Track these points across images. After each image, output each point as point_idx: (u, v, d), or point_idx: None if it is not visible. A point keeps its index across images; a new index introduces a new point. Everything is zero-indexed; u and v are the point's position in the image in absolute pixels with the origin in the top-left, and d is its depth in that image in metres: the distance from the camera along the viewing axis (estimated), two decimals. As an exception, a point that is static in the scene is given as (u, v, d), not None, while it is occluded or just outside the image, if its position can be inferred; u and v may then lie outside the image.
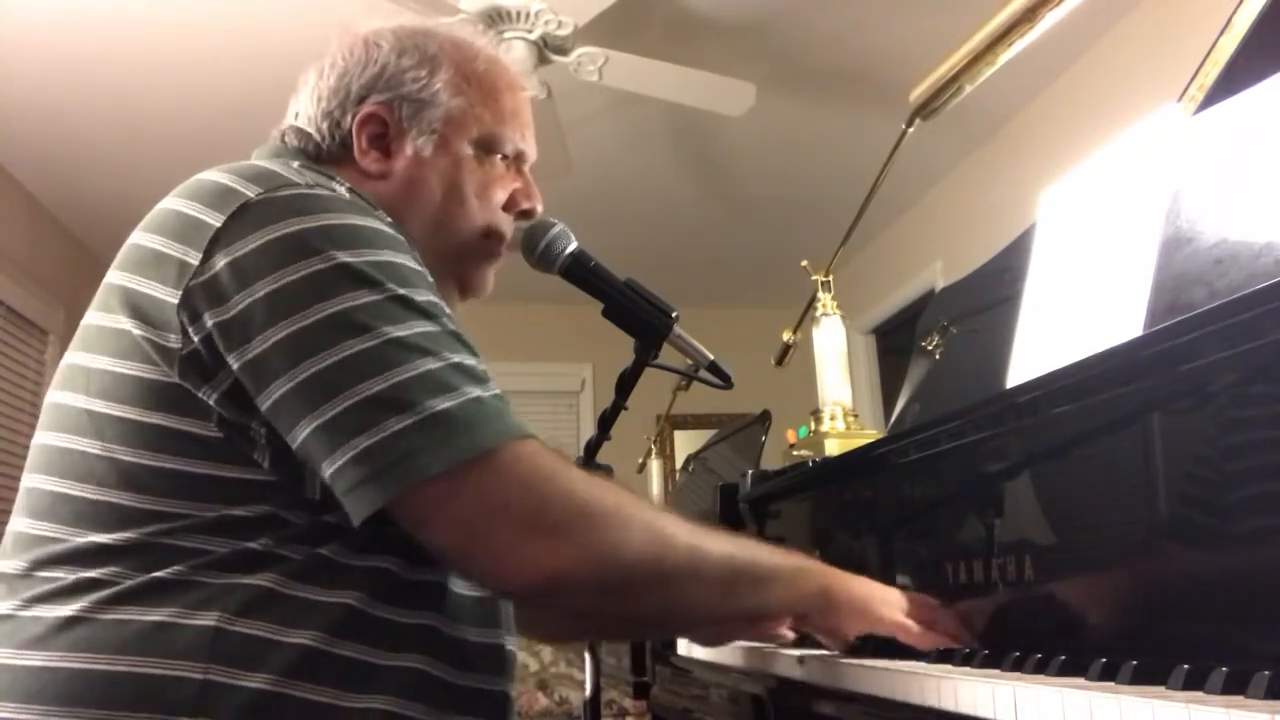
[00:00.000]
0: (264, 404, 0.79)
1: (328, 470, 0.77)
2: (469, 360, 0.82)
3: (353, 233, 0.82)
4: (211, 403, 0.80)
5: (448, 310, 0.86)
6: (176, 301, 0.80)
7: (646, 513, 0.85)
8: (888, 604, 0.95)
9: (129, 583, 0.77)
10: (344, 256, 0.80)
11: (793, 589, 0.94)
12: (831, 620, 0.96)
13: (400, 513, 0.78)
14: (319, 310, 0.78)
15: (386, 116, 0.99)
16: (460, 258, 1.02)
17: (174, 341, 0.80)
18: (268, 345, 0.78)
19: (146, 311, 0.82)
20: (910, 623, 0.94)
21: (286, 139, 1.00)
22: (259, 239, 0.80)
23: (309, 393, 0.77)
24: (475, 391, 0.80)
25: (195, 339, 0.80)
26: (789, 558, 0.96)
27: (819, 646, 1.03)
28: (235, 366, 0.79)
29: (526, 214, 1.07)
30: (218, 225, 0.81)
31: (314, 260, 0.79)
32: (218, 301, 0.80)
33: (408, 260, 0.85)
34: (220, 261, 0.80)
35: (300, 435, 0.78)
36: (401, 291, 0.81)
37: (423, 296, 0.83)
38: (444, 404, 0.77)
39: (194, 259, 0.81)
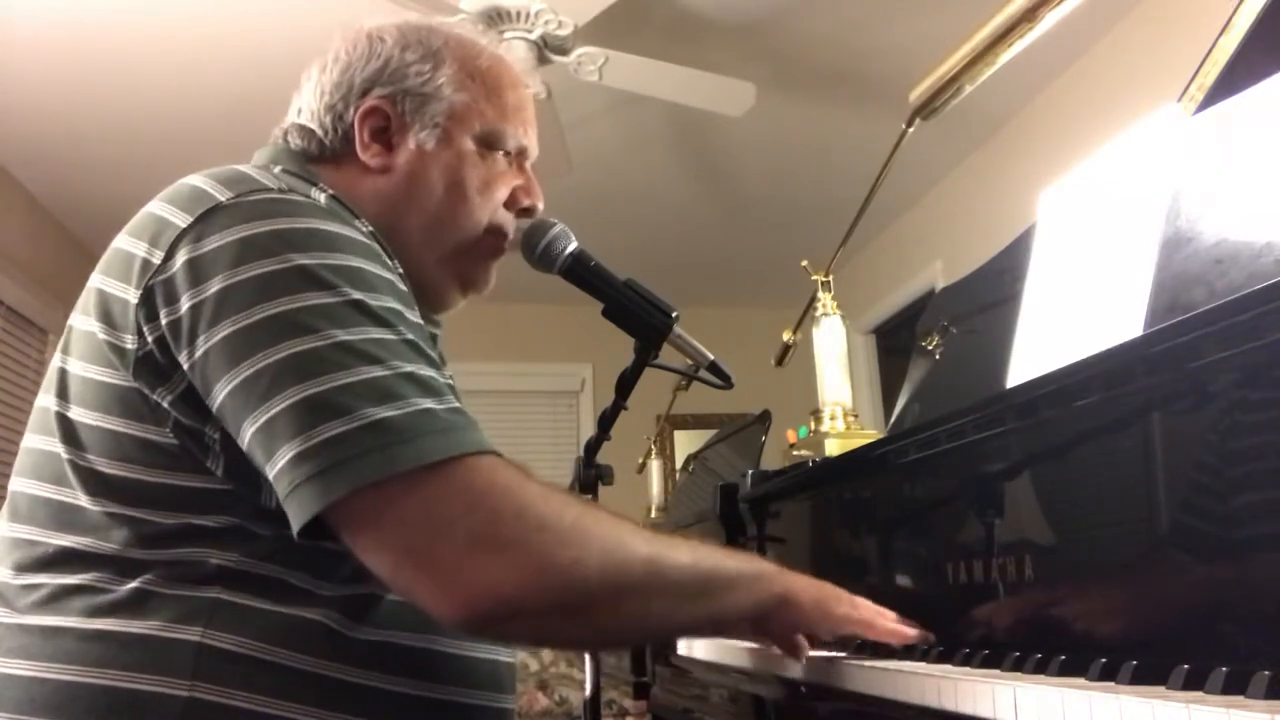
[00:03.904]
0: (213, 406, 0.77)
1: (270, 475, 0.74)
2: (424, 371, 0.78)
3: (315, 236, 0.80)
4: (167, 405, 0.78)
5: (415, 320, 0.83)
6: (136, 300, 0.79)
7: (606, 526, 0.79)
8: (844, 602, 0.92)
9: (113, 593, 0.76)
10: (300, 259, 0.78)
11: (753, 594, 0.88)
12: (795, 620, 0.91)
13: (335, 527, 0.73)
14: (264, 310, 0.75)
15: (389, 110, 0.98)
16: (461, 253, 1.01)
17: (130, 343, 0.79)
18: (212, 344, 0.76)
19: (111, 312, 0.81)
20: (873, 617, 0.90)
21: (289, 137, 0.99)
22: (219, 240, 0.79)
23: (248, 394, 0.74)
24: (426, 403, 0.75)
25: (150, 339, 0.79)
26: (748, 563, 0.92)
27: (820, 647, 1.03)
28: (185, 367, 0.78)
29: (528, 211, 1.06)
30: (184, 226, 0.80)
31: (269, 261, 0.77)
32: (171, 300, 0.78)
33: (373, 267, 0.82)
34: (179, 260, 0.79)
35: (244, 438, 0.75)
36: (357, 296, 0.78)
37: (380, 303, 0.79)
38: (385, 412, 0.73)
39: (157, 258, 0.80)
